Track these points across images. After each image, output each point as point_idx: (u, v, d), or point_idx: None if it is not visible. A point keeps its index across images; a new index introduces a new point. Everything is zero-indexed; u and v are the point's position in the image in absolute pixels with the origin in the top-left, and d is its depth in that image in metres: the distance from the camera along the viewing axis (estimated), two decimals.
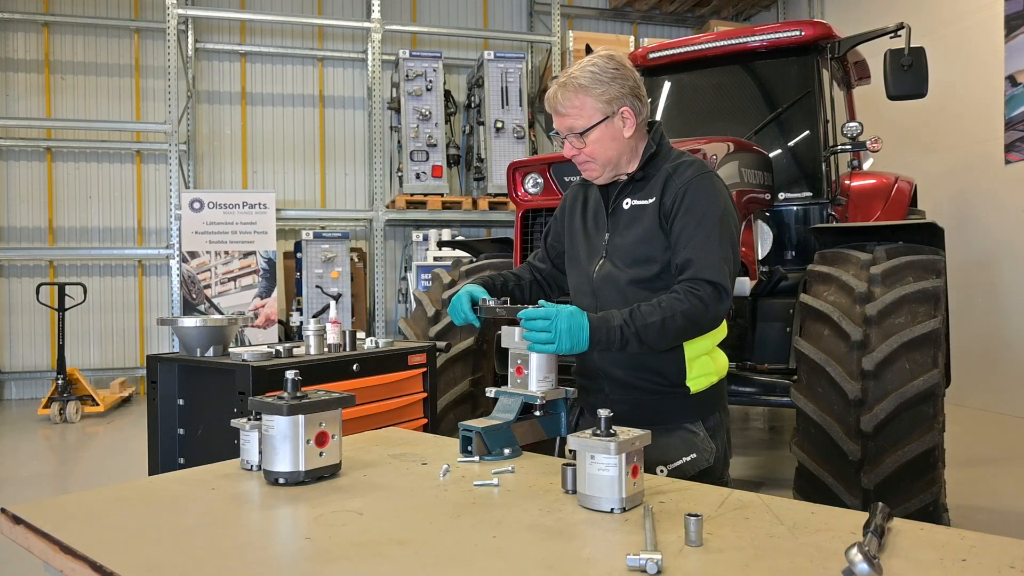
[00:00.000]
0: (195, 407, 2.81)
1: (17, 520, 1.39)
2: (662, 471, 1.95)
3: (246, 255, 7.63)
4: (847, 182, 4.76)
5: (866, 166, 5.19)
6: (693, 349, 2.01)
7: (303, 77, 9.14)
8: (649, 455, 2.00)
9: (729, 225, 1.97)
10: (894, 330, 3.04)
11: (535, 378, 1.88)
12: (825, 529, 1.31)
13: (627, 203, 2.06)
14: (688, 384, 2.01)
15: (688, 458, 2.00)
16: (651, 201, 2.00)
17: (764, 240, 4.22)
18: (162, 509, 1.47)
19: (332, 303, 3.56)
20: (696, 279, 1.88)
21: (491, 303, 2.03)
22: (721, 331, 2.08)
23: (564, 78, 1.99)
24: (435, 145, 8.27)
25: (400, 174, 8.42)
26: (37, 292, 7.33)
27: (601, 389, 2.06)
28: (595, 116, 1.96)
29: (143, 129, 8.46)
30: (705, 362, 2.05)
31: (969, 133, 6.94)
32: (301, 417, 1.59)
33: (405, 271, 8.76)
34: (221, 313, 7.41)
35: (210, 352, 2.78)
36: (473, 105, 8.90)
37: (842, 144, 4.51)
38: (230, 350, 2.78)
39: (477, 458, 1.78)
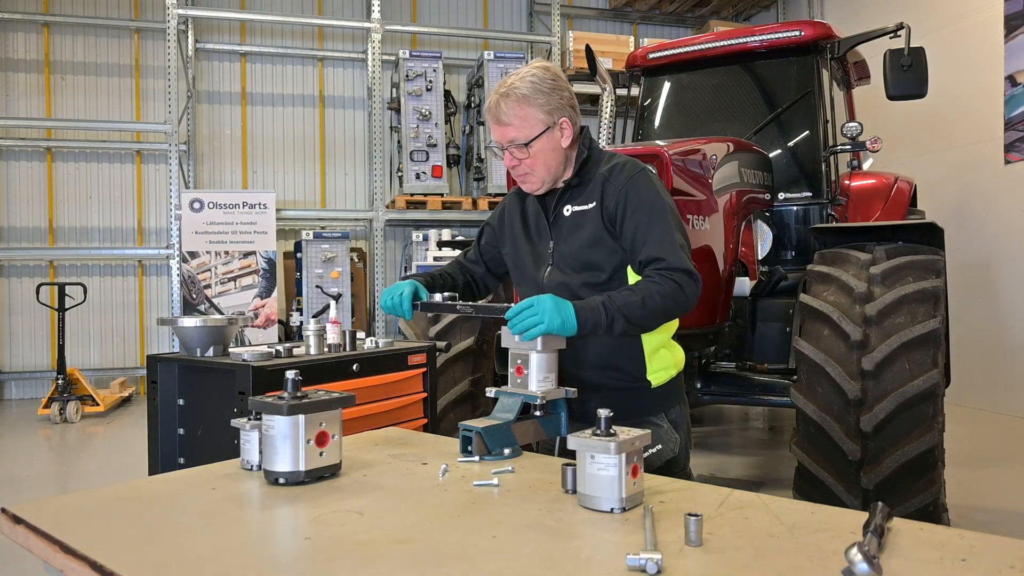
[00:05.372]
0: (195, 407, 2.80)
1: (17, 520, 1.39)
2: None
3: (246, 255, 7.62)
4: (847, 182, 4.76)
5: (866, 166, 5.19)
6: (651, 343, 2.06)
7: (303, 77, 9.14)
8: None
9: (675, 213, 2.03)
10: (894, 330, 3.04)
11: (535, 378, 1.88)
12: (825, 529, 1.31)
13: (567, 210, 2.09)
14: (649, 378, 2.07)
15: (654, 449, 2.03)
16: (591, 206, 2.04)
17: (764, 240, 4.22)
18: (162, 509, 1.47)
19: (332, 303, 3.55)
20: (668, 269, 1.92)
21: (436, 297, 2.12)
22: (674, 324, 2.13)
23: (505, 88, 2.00)
24: (435, 145, 8.27)
25: (400, 174, 8.42)
26: (37, 292, 7.33)
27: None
28: (537, 127, 1.99)
29: (143, 129, 8.45)
30: (664, 355, 2.10)
31: (969, 133, 6.94)
32: (301, 417, 1.59)
33: (405, 271, 8.75)
34: (221, 313, 7.41)
35: (210, 352, 2.78)
36: (473, 105, 8.90)
37: (842, 144, 4.51)
38: (230, 350, 2.78)
39: (477, 458, 1.78)
